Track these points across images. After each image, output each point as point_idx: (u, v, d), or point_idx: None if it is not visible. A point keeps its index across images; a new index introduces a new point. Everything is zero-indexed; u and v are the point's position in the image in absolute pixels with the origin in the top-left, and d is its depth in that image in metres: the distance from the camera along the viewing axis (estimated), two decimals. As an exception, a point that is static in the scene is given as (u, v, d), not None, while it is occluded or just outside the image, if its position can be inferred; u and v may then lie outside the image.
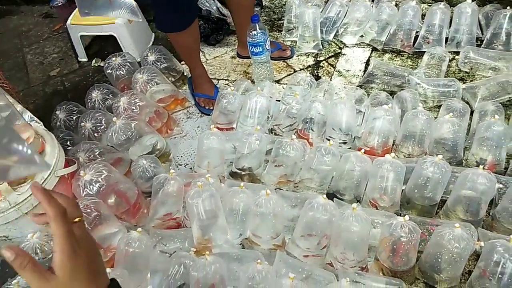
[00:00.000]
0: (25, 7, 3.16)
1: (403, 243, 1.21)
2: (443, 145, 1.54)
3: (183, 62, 2.19)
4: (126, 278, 1.22)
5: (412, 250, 1.23)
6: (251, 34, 1.86)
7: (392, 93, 1.87)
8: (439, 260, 1.20)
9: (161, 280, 1.30)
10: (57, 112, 1.80)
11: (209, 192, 1.35)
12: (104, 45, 2.57)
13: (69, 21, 2.35)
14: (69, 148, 1.62)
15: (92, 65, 2.48)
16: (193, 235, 1.38)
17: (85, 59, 2.53)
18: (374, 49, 2.22)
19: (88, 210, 1.27)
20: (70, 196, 1.39)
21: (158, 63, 2.02)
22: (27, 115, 1.38)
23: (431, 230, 1.30)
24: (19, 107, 1.36)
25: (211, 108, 1.94)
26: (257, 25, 1.84)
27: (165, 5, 1.66)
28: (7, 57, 2.71)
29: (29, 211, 1.22)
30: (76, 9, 2.42)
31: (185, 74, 2.18)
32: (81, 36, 2.41)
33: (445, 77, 1.94)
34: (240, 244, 1.44)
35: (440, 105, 1.74)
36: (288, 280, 1.13)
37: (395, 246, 1.23)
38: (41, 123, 1.40)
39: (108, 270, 1.18)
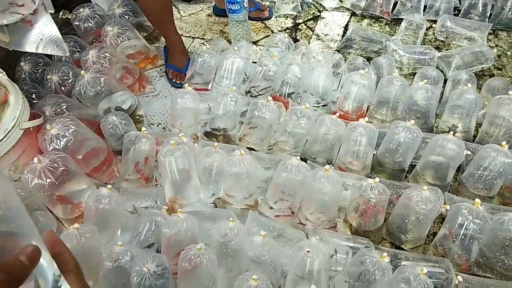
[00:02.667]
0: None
1: (372, 204, 1.24)
2: (416, 111, 1.57)
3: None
4: (96, 233, 1.20)
5: (380, 211, 1.26)
6: (229, -10, 1.79)
7: (369, 59, 1.87)
8: (406, 221, 1.24)
9: (132, 237, 1.29)
10: (22, 64, 1.69)
11: (182, 150, 1.33)
12: (72, -4, 2.41)
13: (33, -33, 2.17)
14: (34, 101, 1.53)
15: (60, 17, 2.33)
16: (165, 193, 1.36)
17: (52, 11, 2.36)
18: (353, 14, 2.19)
19: (55, 165, 1.22)
20: (36, 150, 1.34)
21: (126, 17, 1.91)
22: (-13, 64, 1.30)
23: (400, 193, 1.34)
24: (-23, 55, 1.27)
25: (180, 82, 1.87)
26: (235, -20, 1.77)
27: None
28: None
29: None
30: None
31: (155, 32, 2.09)
32: (47, -15, 2.24)
33: (421, 44, 1.95)
34: (213, 204, 1.44)
35: (415, 73, 1.75)
36: (259, 238, 1.14)
37: (364, 207, 1.26)
38: (4, 73, 1.31)
39: (76, 225, 1.15)
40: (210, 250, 1.11)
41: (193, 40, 2.13)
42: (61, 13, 2.32)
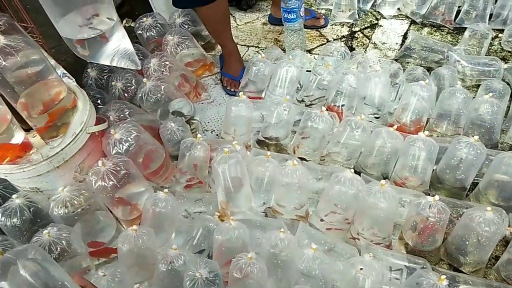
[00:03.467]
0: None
1: (431, 223, 1.19)
2: (480, 126, 1.48)
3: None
4: (152, 236, 1.25)
5: (439, 230, 1.21)
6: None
7: (429, 69, 1.80)
8: (467, 243, 1.17)
9: (185, 241, 1.33)
10: (89, 70, 1.80)
11: (235, 158, 1.35)
12: (135, 6, 2.53)
13: (100, -21, 2.31)
14: (99, 106, 1.63)
15: (123, 25, 2.46)
16: (218, 199, 1.39)
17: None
18: (413, 22, 2.12)
19: (118, 168, 1.28)
20: (100, 153, 1.42)
21: (186, 26, 1.98)
22: (60, 70, 1.39)
23: (461, 213, 1.27)
24: (52, 62, 1.36)
25: (234, 90, 1.90)
26: (292, -10, 1.77)
27: None
28: (39, 12, 2.70)
29: (60, 164, 1.25)
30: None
31: (212, 40, 2.13)
32: (113, -5, 2.38)
33: (486, 55, 1.84)
34: (263, 213, 1.44)
35: (479, 85, 1.66)
36: (310, 251, 1.13)
37: (422, 226, 1.20)
38: (73, 79, 1.40)
39: (135, 227, 1.21)
40: (260, 259, 1.12)
41: (248, 49, 2.16)
42: (124, 22, 2.45)
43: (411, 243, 1.25)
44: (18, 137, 1.18)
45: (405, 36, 2.05)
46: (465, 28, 1.92)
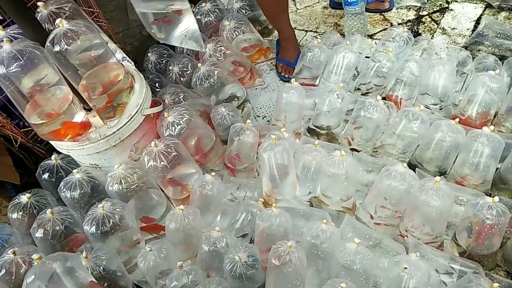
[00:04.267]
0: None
1: (488, 226, 1.09)
2: (558, 123, 1.33)
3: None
4: (198, 216, 1.29)
5: (497, 234, 1.11)
6: (347, -18, 1.72)
7: (502, 58, 1.63)
8: (529, 250, 1.07)
9: (229, 224, 1.36)
10: (149, 55, 1.88)
11: (282, 146, 1.34)
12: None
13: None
14: (157, 89, 1.70)
15: (185, 9, 2.52)
16: (262, 186, 1.40)
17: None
18: (489, 6, 1.93)
19: (169, 150, 1.34)
20: (155, 134, 1.48)
21: (243, 11, 1.98)
22: (120, 54, 1.47)
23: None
24: (113, 46, 1.44)
25: (288, 76, 1.87)
26: (353, -28, 1.69)
27: None
28: (110, -1, 2.88)
29: (116, 143, 1.33)
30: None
31: (270, 25, 2.11)
32: (177, -20, 2.44)
33: None
34: (309, 202, 1.43)
35: None
36: (353, 245, 1.09)
37: (478, 228, 1.11)
38: (132, 63, 1.48)
39: (182, 206, 1.25)
40: (300, 248, 1.11)
41: (306, 33, 2.11)
42: (188, 7, 2.51)
43: (464, 245, 1.16)
44: (79, 116, 1.27)
45: (478, 22, 1.87)
46: (552, 11, 1.71)
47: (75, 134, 1.28)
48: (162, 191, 1.45)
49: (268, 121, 1.78)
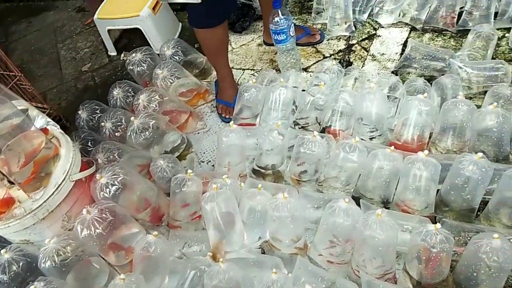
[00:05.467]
0: (60, 2, 3.22)
1: (434, 254, 1.09)
2: (487, 138, 1.37)
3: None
4: (142, 283, 1.21)
5: (444, 261, 1.10)
6: (274, 21, 1.74)
7: (431, 78, 1.70)
8: (475, 274, 1.07)
9: (177, 285, 1.28)
10: (80, 112, 1.80)
11: (225, 195, 1.30)
12: (132, 38, 2.55)
13: (96, 16, 2.35)
14: (90, 149, 1.62)
15: (121, 58, 2.48)
16: (209, 239, 1.34)
17: (115, 53, 2.54)
18: (413, 29, 2.02)
19: (104, 215, 1.26)
20: (89, 198, 1.40)
21: (176, 57, 1.96)
22: (43, 119, 1.39)
23: (468, 239, 1.17)
24: (34, 112, 1.36)
25: (229, 116, 1.86)
26: (279, 11, 1.72)
27: None
28: (43, 53, 2.79)
29: (45, 216, 1.23)
30: (104, 2, 2.42)
31: (206, 67, 2.11)
32: (109, 30, 2.41)
33: (492, 58, 1.72)
34: (260, 248, 1.38)
35: (486, 91, 1.55)
36: (305, 293, 1.05)
37: (424, 257, 1.11)
38: (58, 126, 1.40)
39: (122, 276, 1.17)
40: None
41: (244, 72, 2.12)
42: (122, 55, 2.47)
43: (416, 275, 1.15)
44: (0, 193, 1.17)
45: (405, 45, 1.96)
46: (469, 30, 1.81)
47: (-3, 212, 1.18)
48: (104, 259, 1.35)
49: (213, 165, 1.73)
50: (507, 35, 1.81)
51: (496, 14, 1.86)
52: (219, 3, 1.58)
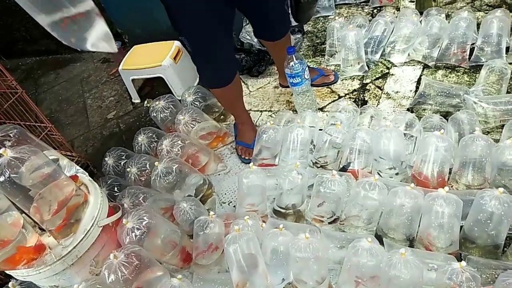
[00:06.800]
0: (87, 53, 3.42)
1: (462, 293, 1.07)
2: (508, 172, 1.37)
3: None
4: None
5: (472, 300, 1.08)
6: (289, 65, 1.82)
7: (447, 114, 1.72)
8: (506, 313, 1.04)
9: (203, 329, 1.28)
10: (106, 159, 1.88)
11: (247, 236, 1.31)
12: (155, 86, 2.68)
13: (120, 66, 2.49)
14: (116, 194, 1.68)
15: (145, 105, 2.59)
16: (232, 281, 1.34)
17: (138, 100, 2.66)
18: (426, 66, 2.07)
19: (130, 260, 1.28)
20: (115, 242, 1.43)
21: (197, 103, 2.05)
22: (73, 168, 1.46)
23: (495, 276, 1.14)
24: (65, 161, 1.44)
25: (248, 158, 1.91)
26: (293, 56, 1.80)
27: (204, 62, 1.65)
28: (70, 103, 2.94)
29: (74, 262, 1.27)
30: (128, 53, 2.57)
31: (225, 111, 2.19)
32: (133, 79, 2.54)
33: (507, 92, 1.74)
34: (283, 290, 1.37)
35: (503, 125, 1.55)
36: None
37: (453, 297, 1.09)
38: (87, 174, 1.46)
39: (148, 321, 1.18)
40: None
41: (261, 114, 2.18)
42: (145, 102, 2.58)
43: (444, 316, 1.12)
44: (32, 240, 1.22)
45: (418, 82, 2.00)
46: (482, 66, 1.84)
47: (29, 259, 1.22)
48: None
49: (234, 206, 1.76)
50: (520, 69, 1.83)
51: (507, 49, 1.89)
52: (223, 67, 1.69)
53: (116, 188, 1.72)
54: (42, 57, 3.79)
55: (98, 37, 0.98)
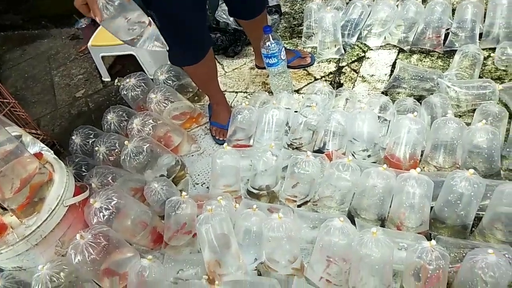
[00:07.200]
0: (54, 30, 3.27)
1: (430, 271, 1.09)
2: (478, 155, 1.39)
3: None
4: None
5: (441, 277, 1.10)
6: (265, 45, 1.78)
7: (421, 98, 1.73)
8: (472, 290, 1.06)
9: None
10: (73, 137, 1.81)
11: (220, 216, 1.29)
12: (126, 64, 2.59)
13: (90, 43, 2.38)
14: (83, 173, 1.62)
15: (115, 84, 2.50)
16: (204, 262, 1.32)
17: (108, 79, 2.57)
18: (401, 51, 2.07)
19: (98, 240, 1.24)
20: (82, 223, 1.38)
21: (170, 82, 1.99)
22: (38, 145, 1.39)
23: (463, 255, 1.17)
24: (28, 138, 1.37)
25: (222, 138, 1.88)
26: (270, 35, 1.76)
27: (173, 38, 1.47)
28: (36, 81, 2.81)
29: (38, 242, 1.22)
30: (97, 29, 2.46)
31: (199, 91, 2.14)
32: (103, 57, 2.44)
33: (479, 77, 1.77)
34: (256, 270, 1.37)
35: (475, 109, 1.58)
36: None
37: (420, 274, 1.10)
38: (52, 151, 1.40)
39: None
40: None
41: (237, 95, 2.15)
42: (116, 81, 2.49)
43: (413, 293, 1.14)
44: (-9, 220, 1.16)
45: (394, 66, 2.00)
46: (456, 51, 1.86)
47: (-11, 239, 1.16)
48: (99, 285, 1.33)
49: (208, 187, 1.73)
50: (492, 54, 1.86)
51: (480, 35, 1.92)
52: (192, 43, 1.60)
53: (83, 168, 1.66)
54: (7, 33, 3.60)
55: (153, 39, 1.27)
